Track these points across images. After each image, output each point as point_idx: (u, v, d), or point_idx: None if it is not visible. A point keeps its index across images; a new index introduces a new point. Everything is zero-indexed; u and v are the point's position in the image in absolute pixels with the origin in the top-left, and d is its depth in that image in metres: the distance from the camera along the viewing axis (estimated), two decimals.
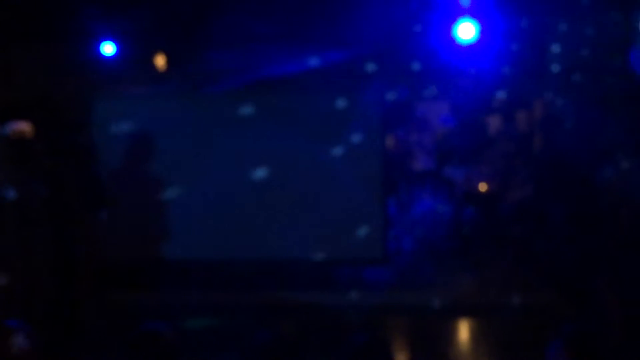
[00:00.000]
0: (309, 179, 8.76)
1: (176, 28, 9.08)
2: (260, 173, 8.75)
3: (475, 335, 7.59)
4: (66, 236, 7.54)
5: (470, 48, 8.51)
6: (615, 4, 8.86)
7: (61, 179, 7.48)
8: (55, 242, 7.22)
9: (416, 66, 9.62)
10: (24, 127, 7.36)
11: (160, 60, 9.01)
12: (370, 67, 9.37)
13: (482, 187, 12.52)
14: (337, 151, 8.79)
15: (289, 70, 8.79)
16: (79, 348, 7.08)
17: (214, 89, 8.82)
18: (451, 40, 8.37)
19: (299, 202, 8.78)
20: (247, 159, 8.76)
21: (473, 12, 8.27)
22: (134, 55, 9.22)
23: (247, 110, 8.93)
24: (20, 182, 6.78)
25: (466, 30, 8.30)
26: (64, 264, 7.43)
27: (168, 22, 8.89)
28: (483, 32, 8.31)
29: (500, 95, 12.82)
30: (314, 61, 8.87)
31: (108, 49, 9.10)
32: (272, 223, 8.84)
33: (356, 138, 8.81)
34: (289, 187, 8.78)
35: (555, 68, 9.97)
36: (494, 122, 14.21)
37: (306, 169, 8.78)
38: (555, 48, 9.84)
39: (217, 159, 8.85)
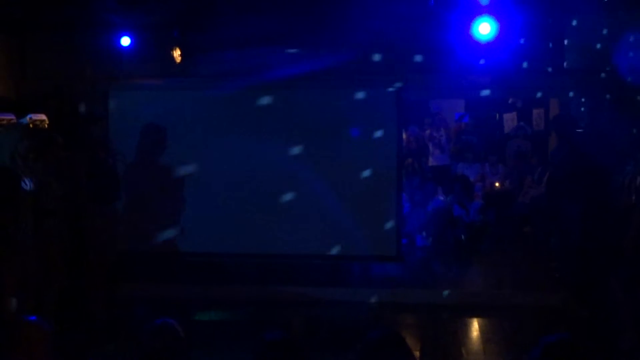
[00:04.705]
0: (323, 175, 8.75)
1: (191, 21, 9.10)
2: (274, 168, 8.74)
3: (487, 334, 7.56)
4: (80, 227, 7.58)
5: (488, 45, 8.50)
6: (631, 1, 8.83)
7: (76, 170, 7.51)
8: (69, 233, 7.26)
9: (433, 63, 9.60)
10: (40, 117, 7.40)
11: (175, 53, 9.03)
12: (387, 64, 9.36)
13: (496, 184, 12.51)
14: (352, 147, 8.77)
15: (304, 68, 8.79)
16: (89, 338, 7.11)
17: (230, 85, 8.82)
18: (470, 38, 8.35)
19: (312, 198, 8.76)
20: (260, 154, 8.74)
21: (491, 10, 8.25)
22: (149, 48, 9.25)
23: (260, 106, 8.93)
24: (36, 172, 6.81)
25: (484, 28, 8.29)
26: (77, 255, 7.46)
27: (184, 16, 8.91)
28: (501, 30, 8.30)
29: (516, 93, 12.78)
30: (329, 58, 8.87)
31: (125, 41, 9.13)
32: (285, 219, 8.83)
33: (371, 135, 8.79)
34: (302, 182, 8.77)
35: (572, 66, 9.92)
36: (510, 120, 14.19)
37: (320, 165, 8.76)
38: (572, 46, 9.80)
39: (231, 152, 8.85)
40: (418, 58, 9.61)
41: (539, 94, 11.64)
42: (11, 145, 6.98)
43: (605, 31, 9.28)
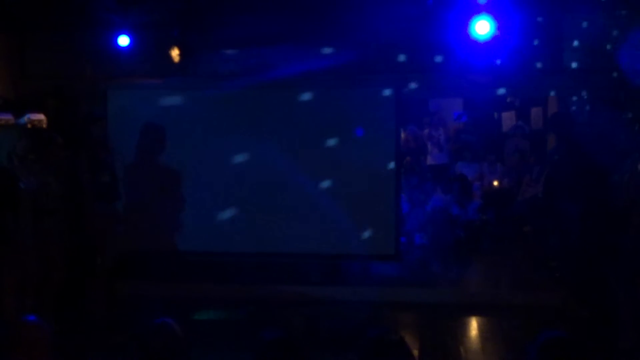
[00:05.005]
0: (322, 174, 8.76)
1: (191, 21, 9.11)
2: (273, 167, 8.74)
3: (486, 333, 7.57)
4: (80, 227, 7.57)
5: (486, 44, 8.50)
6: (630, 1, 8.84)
7: (75, 170, 7.51)
8: (69, 232, 7.26)
9: (431, 62, 9.60)
10: (39, 117, 7.41)
11: (174, 53, 9.02)
12: (385, 63, 9.36)
13: (494, 183, 12.51)
14: (350, 147, 8.77)
15: (303, 68, 8.80)
16: (88, 338, 7.11)
17: (229, 84, 8.82)
18: (467, 37, 8.36)
19: (311, 197, 8.77)
20: (259, 153, 8.75)
21: (489, 9, 8.25)
22: (148, 47, 9.25)
23: (259, 105, 8.93)
24: (36, 172, 6.81)
25: (482, 27, 8.29)
26: (77, 254, 7.46)
27: (184, 15, 8.91)
28: (499, 29, 8.30)
29: (515, 91, 12.78)
30: (328, 58, 8.87)
31: (123, 40, 9.12)
32: (284, 218, 8.85)
33: (369, 134, 8.79)
34: (301, 182, 8.77)
35: (570, 65, 9.93)
36: (508, 119, 14.19)
37: (319, 164, 8.77)
38: (570, 45, 9.81)
39: (228, 151, 8.85)
40: (416, 57, 9.61)
41: (537, 93, 11.63)
42: (9, 145, 6.98)
43: (604, 30, 9.28)
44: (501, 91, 11.52)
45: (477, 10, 8.33)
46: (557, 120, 9.34)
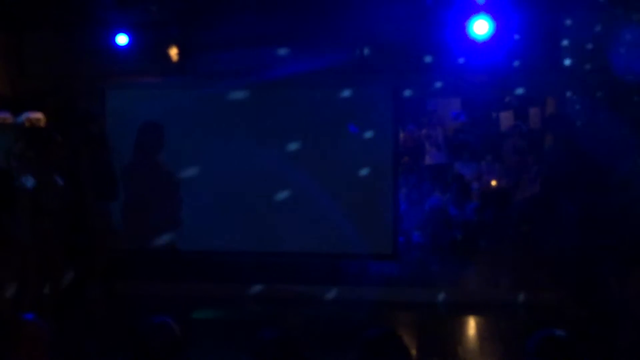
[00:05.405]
0: (320, 173, 8.76)
1: (189, 20, 9.11)
2: (272, 166, 8.75)
3: (483, 333, 7.58)
4: (79, 226, 7.56)
5: (485, 44, 8.51)
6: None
7: (74, 168, 7.50)
8: (69, 232, 7.24)
9: (430, 61, 9.61)
10: (37, 116, 7.39)
11: (173, 52, 9.03)
12: (384, 62, 9.37)
13: (492, 183, 12.52)
14: (348, 146, 8.78)
15: (301, 67, 8.81)
16: (87, 338, 7.10)
17: (228, 84, 8.82)
18: (466, 36, 8.37)
19: (309, 197, 8.77)
20: (257, 152, 8.76)
21: (488, 9, 8.27)
22: (147, 46, 9.24)
23: (258, 105, 8.93)
24: (34, 171, 6.79)
25: (481, 27, 8.31)
26: (75, 253, 7.45)
27: (183, 14, 8.92)
28: (497, 29, 8.32)
29: (513, 91, 12.80)
30: (327, 57, 8.88)
31: (121, 39, 9.12)
32: (282, 217, 8.84)
33: (368, 133, 8.80)
34: (299, 181, 8.78)
35: (568, 65, 9.94)
36: (506, 118, 14.20)
37: (317, 163, 8.78)
38: (569, 45, 9.81)
39: (227, 151, 8.85)
40: (414, 56, 9.62)
41: (535, 92, 11.64)
42: (6, 144, 6.96)
43: (602, 30, 9.28)
44: (499, 91, 11.54)
45: (475, 10, 8.34)
46: (556, 120, 9.36)
